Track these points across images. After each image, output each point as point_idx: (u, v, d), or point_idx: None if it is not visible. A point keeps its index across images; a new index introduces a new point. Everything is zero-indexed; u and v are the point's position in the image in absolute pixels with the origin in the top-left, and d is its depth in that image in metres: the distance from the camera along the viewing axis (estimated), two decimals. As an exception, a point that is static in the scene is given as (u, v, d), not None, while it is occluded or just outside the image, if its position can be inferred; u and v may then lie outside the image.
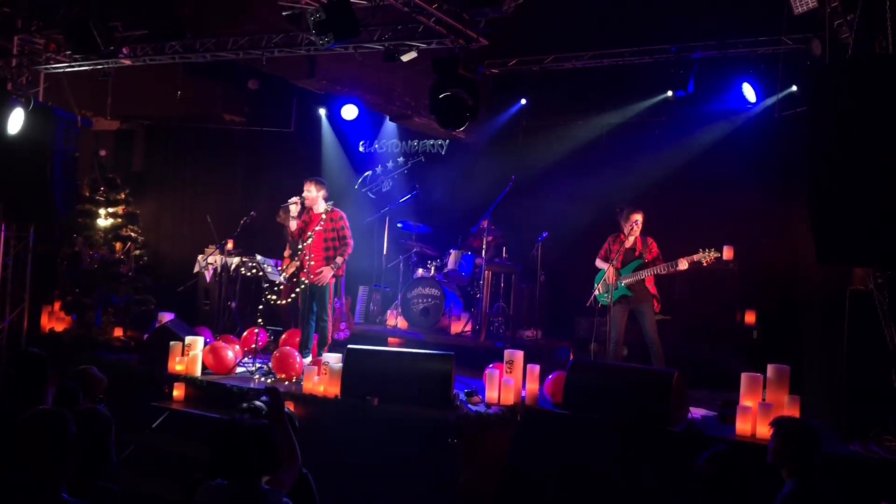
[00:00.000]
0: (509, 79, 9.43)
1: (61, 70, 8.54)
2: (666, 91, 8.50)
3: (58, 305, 9.45)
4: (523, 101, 9.99)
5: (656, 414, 5.83)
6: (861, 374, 5.58)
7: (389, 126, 10.81)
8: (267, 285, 8.14)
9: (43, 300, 9.33)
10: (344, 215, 7.62)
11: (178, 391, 7.17)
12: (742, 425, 5.72)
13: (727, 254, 7.82)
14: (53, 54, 8.40)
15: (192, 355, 7.31)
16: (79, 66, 8.36)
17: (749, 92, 8.10)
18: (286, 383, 6.98)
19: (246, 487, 3.12)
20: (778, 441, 3.70)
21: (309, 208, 7.57)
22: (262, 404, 3.88)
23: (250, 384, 6.94)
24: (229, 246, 9.18)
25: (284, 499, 3.19)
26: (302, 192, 7.52)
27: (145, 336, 8.36)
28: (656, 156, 9.01)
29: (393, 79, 9.14)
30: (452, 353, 6.65)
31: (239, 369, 7.56)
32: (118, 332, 9.10)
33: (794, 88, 7.84)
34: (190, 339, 7.42)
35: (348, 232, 7.58)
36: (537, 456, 6.07)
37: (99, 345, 8.72)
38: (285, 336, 8.07)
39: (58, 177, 8.16)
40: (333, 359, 6.68)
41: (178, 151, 11.21)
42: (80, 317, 9.32)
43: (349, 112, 10.42)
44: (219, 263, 9.22)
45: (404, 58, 7.05)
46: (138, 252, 9.99)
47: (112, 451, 3.40)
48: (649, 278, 7.27)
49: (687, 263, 7.04)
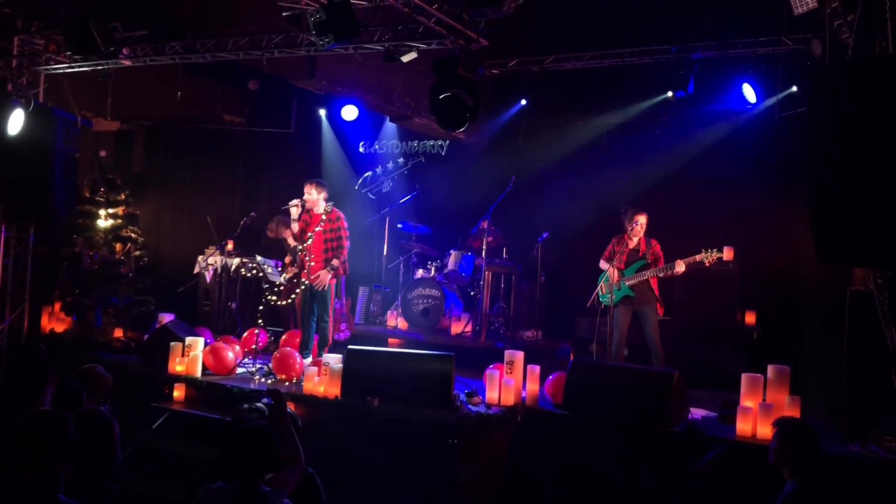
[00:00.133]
0: (509, 79, 9.44)
1: (61, 71, 8.54)
2: (666, 91, 8.51)
3: (58, 306, 9.44)
4: (523, 102, 9.99)
5: (656, 414, 5.83)
6: (861, 374, 5.59)
7: (389, 127, 10.82)
8: (267, 286, 8.15)
9: (43, 301, 9.32)
10: (342, 216, 7.60)
11: (178, 392, 7.17)
12: (742, 426, 5.72)
13: (727, 254, 7.80)
14: (54, 55, 8.40)
15: (193, 356, 7.31)
16: (79, 66, 8.36)
17: (749, 92, 8.10)
18: (286, 384, 6.97)
19: (246, 489, 3.11)
20: (780, 441, 3.71)
21: (309, 209, 7.58)
22: (263, 406, 3.89)
23: (251, 385, 6.93)
24: (229, 247, 9.17)
25: (286, 500, 3.19)
26: (302, 194, 7.52)
27: (145, 337, 8.36)
28: (656, 156, 9.01)
29: (393, 79, 9.13)
30: (453, 353, 6.65)
31: (239, 370, 7.56)
32: (118, 332, 9.10)
33: (794, 89, 7.85)
34: (190, 339, 7.42)
35: (344, 233, 7.55)
36: (537, 456, 6.07)
37: (99, 345, 8.71)
38: (285, 337, 8.07)
39: (58, 177, 8.16)
40: (334, 359, 6.67)
41: (179, 152, 11.20)
42: (80, 317, 9.31)
43: (349, 113, 10.42)
44: (219, 264, 9.22)
45: (404, 58, 7.05)
46: (138, 253, 9.98)
47: (116, 452, 3.39)
48: (653, 280, 7.27)
49: (684, 266, 7.04)
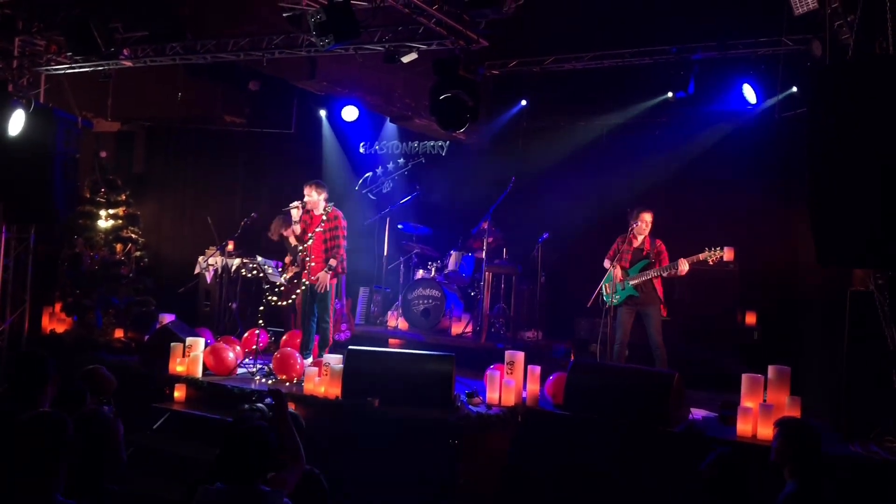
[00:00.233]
0: (510, 80, 9.44)
1: (62, 71, 8.54)
2: (666, 92, 8.52)
3: (58, 307, 9.45)
4: (524, 103, 9.99)
5: (656, 415, 5.84)
6: (861, 374, 5.59)
7: (390, 127, 10.82)
8: (267, 286, 8.15)
9: (44, 301, 9.33)
10: (340, 215, 7.60)
11: (178, 392, 7.18)
12: (743, 426, 5.72)
13: (728, 255, 7.80)
14: (54, 56, 8.40)
15: (193, 356, 7.31)
16: (80, 67, 8.35)
17: (749, 93, 8.10)
18: (287, 384, 6.97)
19: (245, 490, 3.11)
20: (781, 441, 3.72)
21: (309, 210, 7.58)
22: (264, 406, 3.89)
23: (251, 385, 6.94)
24: (230, 247, 9.18)
25: (286, 500, 3.19)
26: (302, 195, 7.52)
27: (146, 337, 8.37)
28: (657, 157, 9.01)
29: (393, 80, 9.13)
30: (453, 354, 6.66)
31: (240, 370, 7.56)
32: (119, 333, 9.10)
33: (794, 89, 7.86)
34: (191, 340, 7.43)
35: (341, 233, 7.54)
36: (537, 456, 6.08)
37: (100, 346, 8.72)
38: (286, 337, 8.07)
39: (58, 178, 8.16)
40: (334, 360, 6.67)
41: (179, 153, 11.21)
42: (80, 318, 9.32)
43: (350, 113, 10.42)
44: (219, 265, 9.22)
45: (405, 59, 7.05)
46: (139, 253, 9.99)
47: (121, 452, 3.39)
48: (657, 281, 7.25)
49: (688, 265, 7.02)
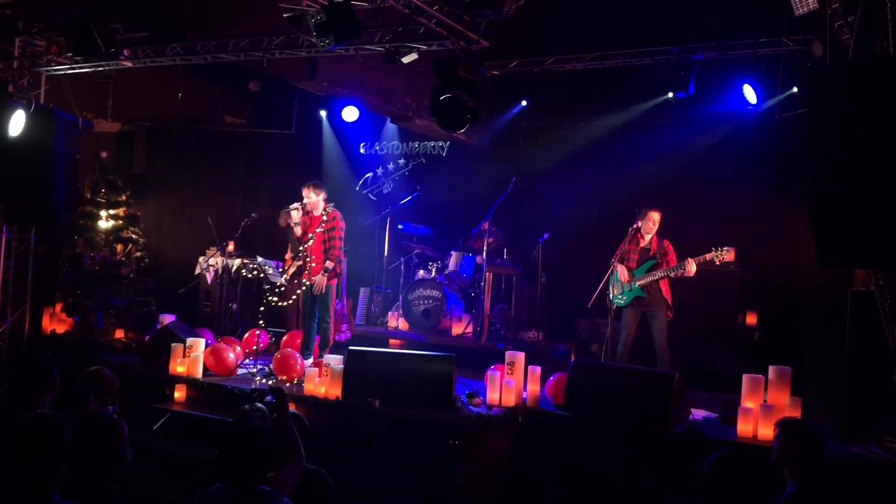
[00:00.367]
0: (510, 80, 9.43)
1: (62, 72, 8.55)
2: (667, 92, 8.53)
3: (59, 307, 9.45)
4: (524, 103, 9.98)
5: (656, 415, 5.84)
6: (862, 375, 5.59)
7: (390, 128, 10.82)
8: (268, 287, 8.15)
9: (44, 302, 9.33)
10: (339, 216, 7.59)
11: (179, 393, 7.18)
12: (743, 427, 5.72)
13: (728, 255, 7.82)
14: (55, 56, 8.40)
15: (194, 357, 7.31)
16: (80, 67, 8.36)
17: (750, 93, 8.10)
18: (287, 385, 6.97)
19: (245, 490, 3.11)
20: (782, 441, 3.71)
21: (309, 211, 7.58)
22: (264, 406, 3.89)
23: (251, 386, 6.93)
24: (230, 247, 9.18)
25: (286, 499, 3.19)
26: (302, 197, 7.52)
27: (146, 338, 8.37)
28: (657, 157, 9.00)
29: (394, 80, 9.14)
30: (453, 354, 6.66)
31: (240, 371, 7.57)
32: (119, 333, 9.10)
33: (794, 90, 7.85)
34: (191, 340, 7.43)
35: (338, 234, 7.53)
36: (538, 456, 6.08)
37: (100, 346, 8.71)
38: (286, 338, 8.07)
39: (59, 178, 8.17)
40: (335, 360, 6.67)
41: (179, 153, 11.22)
42: (81, 318, 9.32)
43: (350, 114, 10.42)
44: (220, 265, 9.22)
45: (405, 59, 7.05)
46: (139, 254, 9.98)
47: (125, 452, 3.39)
48: (664, 283, 7.23)
49: (695, 265, 6.99)
